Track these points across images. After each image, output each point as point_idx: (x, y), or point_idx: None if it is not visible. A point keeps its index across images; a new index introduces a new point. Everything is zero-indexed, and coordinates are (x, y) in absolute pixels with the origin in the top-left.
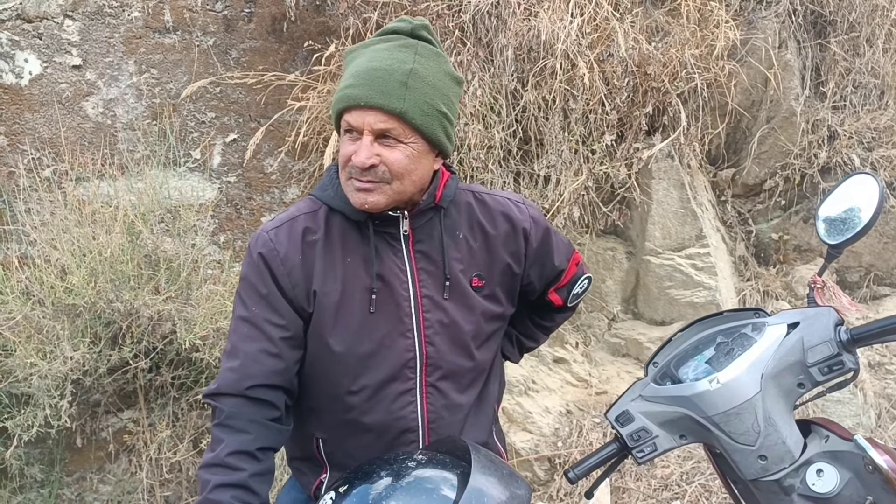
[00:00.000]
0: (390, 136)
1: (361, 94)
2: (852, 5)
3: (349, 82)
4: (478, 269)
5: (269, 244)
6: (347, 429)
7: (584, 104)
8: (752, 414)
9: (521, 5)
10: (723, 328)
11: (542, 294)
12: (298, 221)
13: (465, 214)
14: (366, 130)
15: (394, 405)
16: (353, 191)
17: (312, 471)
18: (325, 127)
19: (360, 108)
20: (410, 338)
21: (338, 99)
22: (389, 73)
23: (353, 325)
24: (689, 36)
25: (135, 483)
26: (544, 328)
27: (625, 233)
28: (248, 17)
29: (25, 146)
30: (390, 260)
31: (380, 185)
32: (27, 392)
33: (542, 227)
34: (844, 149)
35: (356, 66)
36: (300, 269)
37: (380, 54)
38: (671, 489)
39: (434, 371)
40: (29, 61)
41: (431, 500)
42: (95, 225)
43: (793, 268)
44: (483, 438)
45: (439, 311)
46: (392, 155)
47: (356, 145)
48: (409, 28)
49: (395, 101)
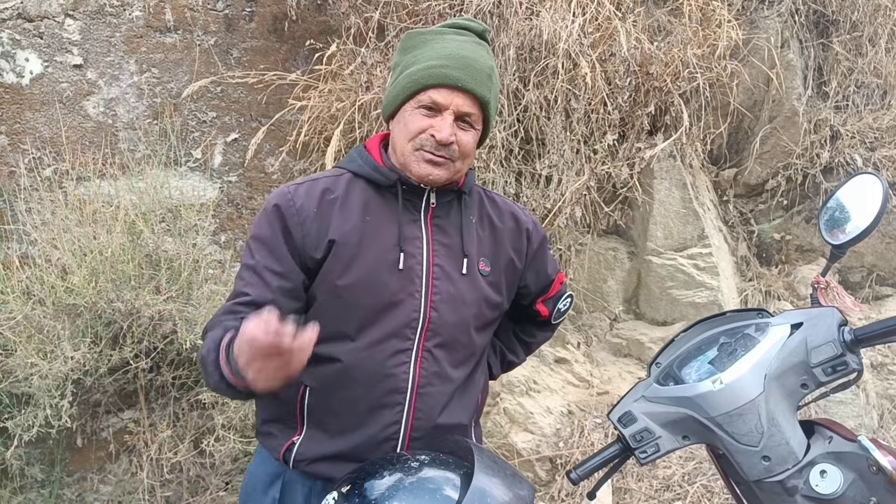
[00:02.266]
0: (467, 121)
1: (458, 75)
2: (855, 5)
3: (442, 62)
4: (484, 254)
5: (287, 195)
6: (338, 378)
7: (586, 104)
8: (756, 415)
9: (522, 4)
10: (726, 328)
11: (532, 303)
12: (319, 182)
13: (478, 206)
14: (451, 109)
15: (388, 361)
16: (421, 161)
17: (284, 433)
18: (326, 126)
19: (450, 88)
20: (418, 299)
21: (428, 75)
22: (479, 63)
23: (366, 278)
24: (691, 35)
25: (135, 483)
26: (525, 344)
27: (626, 233)
28: (250, 16)
29: (26, 145)
30: (409, 226)
31: (448, 162)
32: (28, 392)
33: (540, 234)
34: (847, 149)
35: (442, 50)
36: (314, 220)
37: (463, 44)
38: (673, 490)
39: (433, 337)
40: (30, 60)
41: (434, 501)
42: (96, 224)
43: (795, 268)
44: (464, 421)
45: (448, 282)
46: (465, 137)
47: (434, 121)
48: (480, 29)
49: (484, 90)
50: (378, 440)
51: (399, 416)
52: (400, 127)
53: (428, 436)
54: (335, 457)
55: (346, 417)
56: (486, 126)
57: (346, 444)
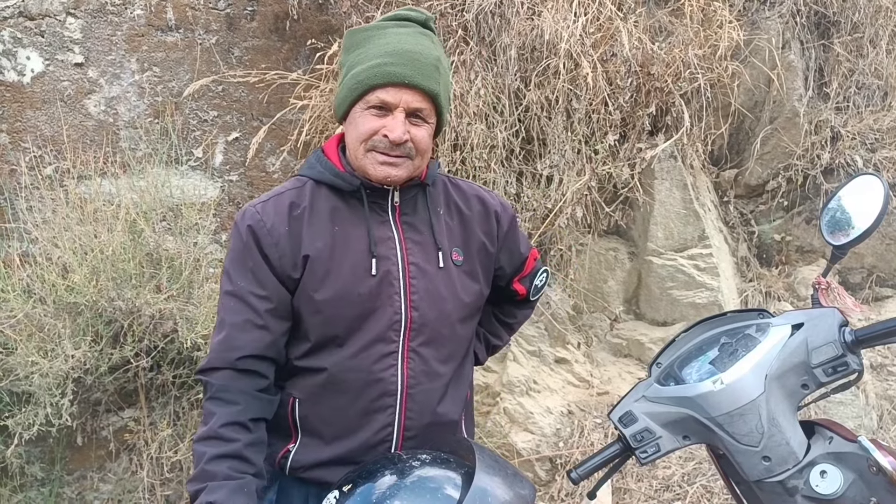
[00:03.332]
0: (419, 116)
1: (403, 72)
2: (856, 6)
3: (385, 60)
4: (456, 244)
5: (256, 216)
6: (326, 388)
7: (588, 104)
8: (756, 415)
9: (524, 5)
10: (726, 329)
11: (509, 283)
12: (284, 197)
13: (443, 195)
14: (401, 107)
15: (375, 366)
16: (376, 164)
17: (279, 441)
18: (327, 126)
19: (397, 86)
20: (398, 301)
21: (373, 75)
22: (424, 56)
23: (342, 290)
24: (692, 36)
25: (135, 482)
26: (507, 325)
27: (627, 233)
28: (251, 15)
29: (27, 144)
30: (379, 229)
31: (405, 161)
32: (28, 390)
33: (509, 214)
34: (847, 150)
35: (385, 47)
36: (287, 240)
37: (405, 38)
38: (672, 490)
39: (417, 336)
40: (31, 59)
41: (436, 500)
42: (97, 223)
43: (795, 269)
44: (455, 417)
45: (425, 279)
46: (419, 132)
47: (385, 121)
48: (422, 18)
49: (432, 83)
50: (372, 443)
51: (391, 418)
52: (351, 129)
53: (421, 434)
54: (330, 462)
55: (338, 424)
56: (439, 117)
57: (340, 450)
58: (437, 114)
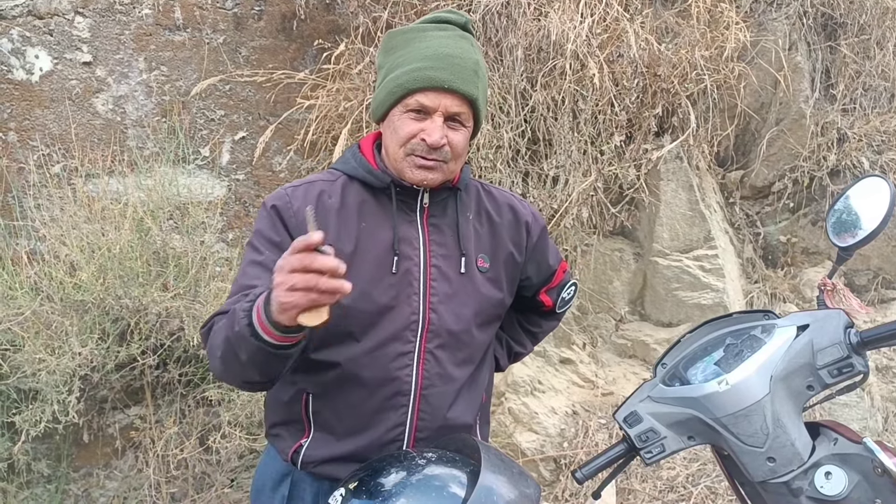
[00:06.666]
0: (457, 120)
1: (444, 77)
2: (863, 8)
3: (426, 64)
4: (483, 251)
5: (285, 198)
6: (339, 383)
7: (594, 105)
8: (761, 416)
9: (531, 5)
10: (732, 330)
11: (536, 294)
12: (315, 185)
13: (475, 201)
14: (440, 111)
15: (391, 364)
16: (413, 167)
17: (293, 435)
18: (334, 125)
19: (437, 90)
20: (416, 301)
21: (413, 79)
22: (464, 60)
23: (364, 284)
24: (699, 37)
25: (141, 479)
26: (532, 334)
27: (633, 234)
28: (259, 15)
29: (35, 142)
30: (405, 228)
31: (441, 164)
32: (35, 387)
33: (540, 225)
34: (854, 152)
35: (425, 50)
36: (311, 226)
37: (445, 41)
38: (677, 491)
39: (434, 338)
40: (39, 58)
41: (441, 498)
42: (104, 221)
43: (800, 270)
44: (469, 420)
45: (446, 282)
46: (456, 137)
47: (423, 125)
48: (462, 21)
49: (471, 88)
50: (384, 441)
51: (404, 417)
52: (390, 132)
53: (433, 436)
54: (342, 458)
55: (351, 421)
56: (476, 121)
57: (352, 446)
58: (475, 118)
